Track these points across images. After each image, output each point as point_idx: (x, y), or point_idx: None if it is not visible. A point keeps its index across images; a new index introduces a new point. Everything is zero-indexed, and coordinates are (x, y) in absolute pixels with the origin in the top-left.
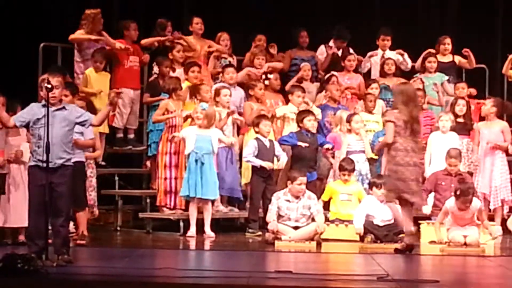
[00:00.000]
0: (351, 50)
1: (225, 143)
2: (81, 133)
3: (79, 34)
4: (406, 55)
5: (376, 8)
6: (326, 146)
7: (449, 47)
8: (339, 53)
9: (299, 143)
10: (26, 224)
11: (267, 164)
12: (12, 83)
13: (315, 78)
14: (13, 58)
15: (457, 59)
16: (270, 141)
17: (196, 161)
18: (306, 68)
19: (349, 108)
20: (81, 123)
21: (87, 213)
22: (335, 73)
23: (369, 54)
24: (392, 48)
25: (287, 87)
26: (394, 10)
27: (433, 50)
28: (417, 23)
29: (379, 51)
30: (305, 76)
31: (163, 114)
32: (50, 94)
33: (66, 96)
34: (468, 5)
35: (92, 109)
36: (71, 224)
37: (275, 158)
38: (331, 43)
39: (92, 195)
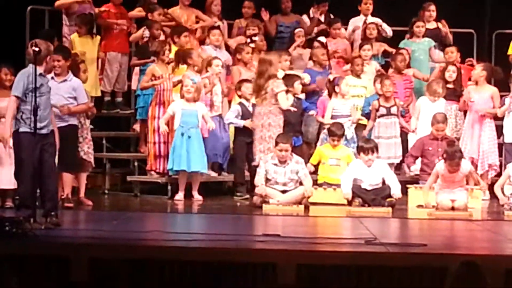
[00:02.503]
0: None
1: (207, 122)
2: (74, 98)
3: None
4: (384, 24)
5: None
6: (310, 112)
7: (434, 13)
8: (322, 18)
9: (289, 107)
10: (13, 187)
11: (249, 123)
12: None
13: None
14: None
15: (441, 25)
16: (254, 105)
17: (182, 134)
18: (301, 34)
19: (336, 72)
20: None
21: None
22: (321, 38)
23: (352, 28)
24: (374, 15)
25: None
26: None
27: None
28: None
29: (362, 17)
30: (300, 43)
31: (150, 79)
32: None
33: (58, 61)
34: None
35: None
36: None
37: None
38: (311, 12)
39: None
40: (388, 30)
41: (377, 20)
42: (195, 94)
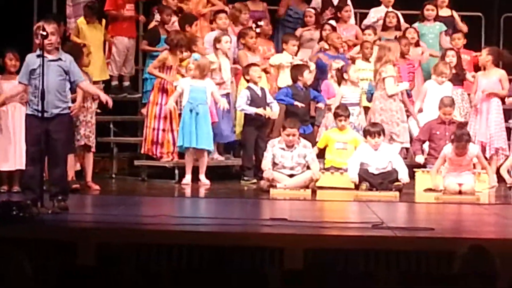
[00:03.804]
0: (348, 1)
1: (216, 100)
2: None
3: None
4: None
5: None
6: (319, 104)
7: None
8: (335, 1)
9: (296, 103)
10: (20, 167)
11: (261, 111)
12: (6, 30)
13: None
14: (7, 4)
15: (455, 13)
16: (262, 89)
17: (191, 111)
18: (310, 14)
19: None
20: (69, 78)
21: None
22: (332, 22)
23: (376, 17)
24: (400, 8)
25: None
26: None
27: None
28: None
29: (383, 7)
30: (308, 23)
31: (160, 67)
32: (46, 41)
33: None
34: None
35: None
36: None
37: (267, 107)
38: None
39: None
40: None
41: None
42: (196, 71)
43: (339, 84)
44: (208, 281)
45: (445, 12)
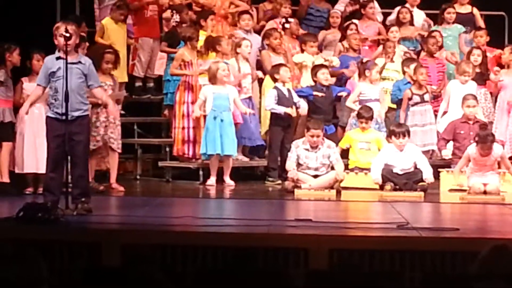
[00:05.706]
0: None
1: (240, 108)
2: None
3: None
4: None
5: None
6: (341, 93)
7: None
8: None
9: (315, 93)
10: (35, 171)
11: (291, 111)
12: (30, 31)
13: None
14: (30, 5)
15: (475, 10)
16: (288, 90)
17: (215, 118)
18: (335, 15)
19: (369, 57)
20: (87, 81)
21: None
22: (355, 21)
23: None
24: (420, 7)
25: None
26: None
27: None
28: None
29: (407, 6)
30: (333, 24)
31: (180, 65)
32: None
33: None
34: None
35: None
36: None
37: (294, 107)
38: None
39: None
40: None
41: (421, 13)
42: (231, 76)
43: (359, 77)
44: (232, 282)
45: (465, 9)
